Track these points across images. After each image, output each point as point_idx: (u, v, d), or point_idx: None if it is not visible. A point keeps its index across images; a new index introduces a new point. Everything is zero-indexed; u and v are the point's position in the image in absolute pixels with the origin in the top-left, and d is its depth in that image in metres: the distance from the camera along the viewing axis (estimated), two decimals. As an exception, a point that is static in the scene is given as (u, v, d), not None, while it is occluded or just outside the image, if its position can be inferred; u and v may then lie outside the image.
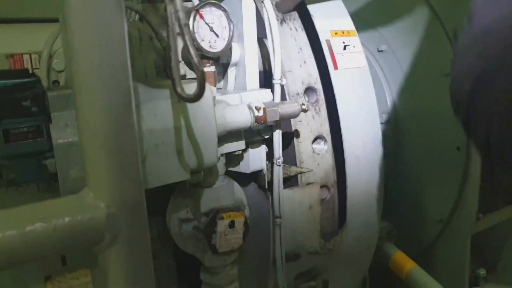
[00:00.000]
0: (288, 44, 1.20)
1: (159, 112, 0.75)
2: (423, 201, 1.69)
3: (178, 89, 0.56)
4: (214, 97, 0.83)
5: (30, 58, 0.89)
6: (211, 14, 0.93)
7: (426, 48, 1.61)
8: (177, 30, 0.51)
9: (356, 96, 1.29)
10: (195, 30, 0.90)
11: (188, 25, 0.49)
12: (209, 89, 0.82)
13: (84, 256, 0.88)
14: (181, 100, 0.78)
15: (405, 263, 1.53)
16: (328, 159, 1.29)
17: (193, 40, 0.48)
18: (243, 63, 1.06)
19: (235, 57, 1.07)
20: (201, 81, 0.52)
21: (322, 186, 1.22)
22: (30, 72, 0.85)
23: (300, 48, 1.23)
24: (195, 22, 0.90)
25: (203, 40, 0.92)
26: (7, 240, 0.47)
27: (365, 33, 1.85)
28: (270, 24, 1.01)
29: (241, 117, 0.89)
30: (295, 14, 1.24)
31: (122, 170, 0.53)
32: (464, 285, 1.61)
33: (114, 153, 0.49)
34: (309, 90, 1.18)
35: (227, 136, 0.95)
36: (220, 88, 1.16)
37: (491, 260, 1.77)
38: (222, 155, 1.00)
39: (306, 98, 1.16)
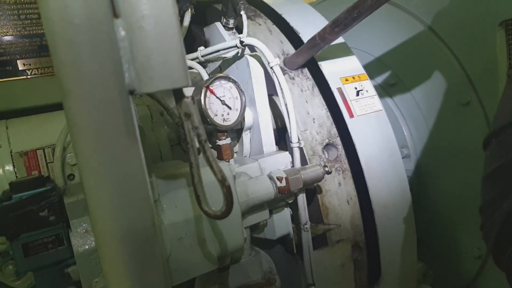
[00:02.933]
0: (300, 102, 1.17)
1: (179, 202, 0.72)
2: (456, 238, 1.60)
3: (205, 207, 0.53)
4: (234, 176, 0.79)
5: (44, 153, 0.88)
6: (221, 87, 0.91)
7: (441, 79, 1.57)
8: (197, 146, 0.48)
9: (376, 142, 1.25)
10: (207, 106, 0.88)
11: (207, 140, 0.47)
12: (228, 168, 0.79)
13: None
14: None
15: (448, 309, 1.43)
16: (354, 212, 1.23)
17: (213, 156, 0.45)
18: (257, 126, 1.03)
19: (248, 121, 1.04)
20: (229, 197, 0.48)
21: (352, 246, 1.16)
22: (45, 176, 0.83)
23: (312, 103, 1.20)
24: (206, 98, 0.88)
25: (216, 115, 0.90)
26: None
27: (370, 66, 1.83)
28: (281, 88, 0.99)
29: (263, 191, 0.85)
30: (304, 69, 1.22)
31: (146, 279, 0.49)
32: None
33: (136, 267, 0.45)
34: (328, 146, 1.15)
35: (250, 209, 0.91)
36: (236, 152, 1.13)
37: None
38: (246, 228, 0.96)
39: (326, 155, 1.12)
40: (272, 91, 1.14)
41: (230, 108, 0.92)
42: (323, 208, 1.20)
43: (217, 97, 0.89)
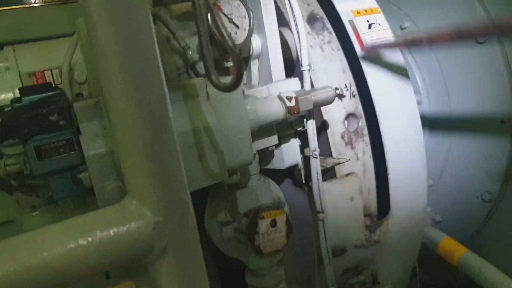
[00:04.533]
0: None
1: (189, 113, 0.72)
2: (467, 182, 1.59)
3: (213, 78, 0.52)
4: (243, 91, 0.78)
5: (52, 74, 0.87)
6: (229, 4, 0.89)
7: (457, 19, 1.51)
8: (205, 12, 0.47)
9: (388, 74, 1.22)
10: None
11: (216, 4, 0.45)
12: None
13: (127, 268, 0.85)
14: (212, 96, 0.74)
15: (456, 249, 1.44)
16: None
17: (222, 21, 0.43)
18: (266, 53, 1.01)
19: (256, 48, 1.02)
20: (239, 65, 0.47)
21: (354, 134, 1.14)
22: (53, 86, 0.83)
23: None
24: (215, 16, 0.86)
25: (224, 34, 0.87)
26: (51, 261, 0.43)
27: (383, 9, 1.76)
28: (291, 6, 0.95)
29: (273, 110, 0.84)
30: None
31: (165, 173, 0.49)
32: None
33: (155, 155, 0.45)
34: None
35: (258, 132, 0.90)
36: (244, 84, 1.12)
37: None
38: (255, 152, 0.96)
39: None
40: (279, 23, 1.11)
41: (238, 27, 0.89)
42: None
43: (225, 15, 0.87)
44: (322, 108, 1.09)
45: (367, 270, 1.32)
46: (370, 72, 1.17)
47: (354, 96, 1.17)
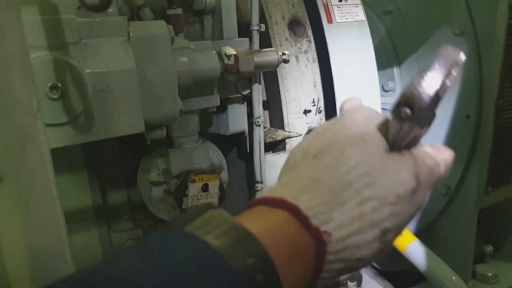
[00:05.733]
0: None
1: (104, 52, 0.65)
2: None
3: None
4: (172, 38, 0.72)
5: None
6: None
7: (438, 8, 1.45)
8: None
9: (353, 53, 1.17)
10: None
11: None
12: (167, 28, 0.72)
13: None
14: (133, 39, 0.68)
15: (407, 238, 1.42)
16: (319, 123, 1.18)
17: None
18: (219, 9, 0.94)
19: (210, 2, 0.95)
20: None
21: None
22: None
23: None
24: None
25: (166, -24, 0.80)
26: None
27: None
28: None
29: (208, 64, 0.78)
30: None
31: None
32: (469, 261, 1.50)
33: None
34: (294, 23, 1.07)
35: (196, 88, 0.85)
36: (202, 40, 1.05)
37: (498, 237, 1.65)
38: (194, 112, 0.91)
39: (293, 35, 1.05)
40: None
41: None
42: (286, 116, 1.14)
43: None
44: (285, 122, 1.06)
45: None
46: (341, 88, 1.12)
47: (320, 111, 1.14)
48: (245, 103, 1.01)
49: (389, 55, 1.72)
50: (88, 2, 0.45)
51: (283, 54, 0.88)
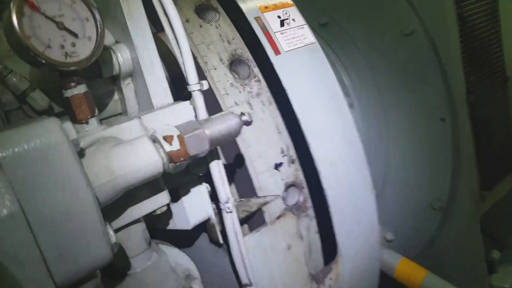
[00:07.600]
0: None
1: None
2: (412, 191, 1.41)
3: None
4: (73, 141, 0.44)
5: None
6: (56, 2, 0.54)
7: (382, 11, 1.33)
8: None
9: (311, 82, 0.97)
10: (27, 31, 0.51)
11: None
12: (60, 130, 0.44)
13: None
14: (7, 166, 0.40)
15: (415, 273, 1.24)
16: (296, 175, 0.96)
17: None
18: (139, 69, 0.68)
19: (126, 64, 0.69)
20: None
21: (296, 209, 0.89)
22: None
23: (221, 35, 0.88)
24: (24, 18, 0.51)
25: (49, 47, 0.53)
26: None
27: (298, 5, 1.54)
28: (166, 11, 0.64)
29: (142, 162, 0.51)
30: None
31: None
32: (483, 275, 1.35)
33: None
34: (235, 63, 0.84)
35: (131, 195, 0.57)
36: (120, 114, 0.78)
37: (498, 237, 1.53)
38: (139, 220, 0.63)
39: (237, 78, 0.82)
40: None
41: (76, 35, 0.56)
42: (254, 177, 0.90)
43: (47, 17, 0.53)
44: (256, 186, 0.83)
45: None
46: (309, 127, 0.91)
47: (293, 161, 0.92)
48: (203, 181, 0.75)
49: (336, 69, 1.57)
50: None
51: (242, 114, 0.63)
